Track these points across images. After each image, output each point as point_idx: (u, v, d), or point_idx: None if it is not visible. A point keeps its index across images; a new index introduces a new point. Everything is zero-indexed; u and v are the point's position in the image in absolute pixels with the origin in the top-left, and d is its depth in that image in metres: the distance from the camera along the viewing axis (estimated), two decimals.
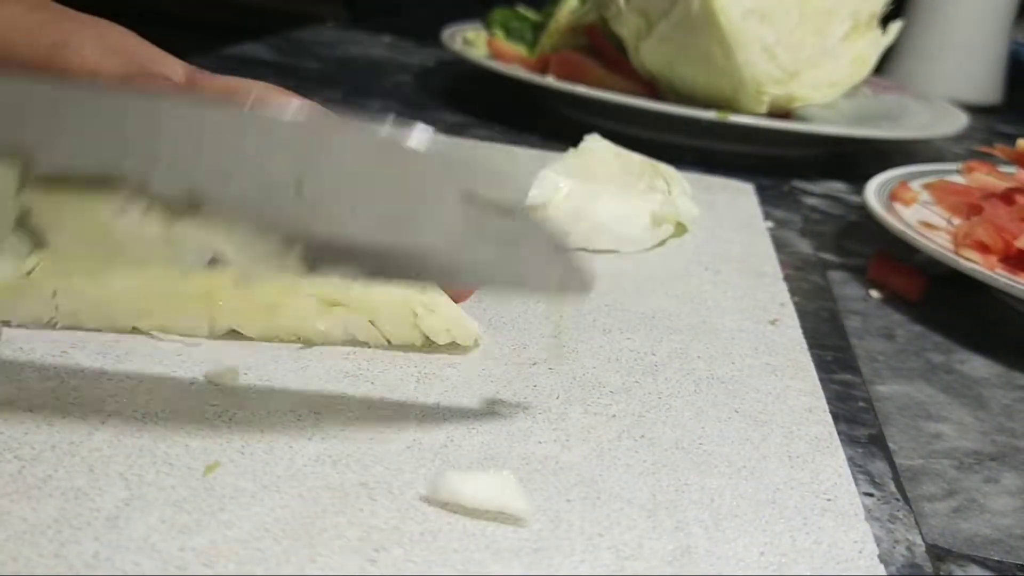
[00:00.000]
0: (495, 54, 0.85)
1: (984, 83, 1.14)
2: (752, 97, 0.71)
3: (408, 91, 0.88)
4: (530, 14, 0.91)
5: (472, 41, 0.89)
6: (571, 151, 0.54)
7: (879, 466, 0.33)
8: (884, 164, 0.64)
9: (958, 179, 0.59)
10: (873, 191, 0.55)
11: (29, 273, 0.32)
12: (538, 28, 0.88)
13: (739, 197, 0.62)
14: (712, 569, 0.25)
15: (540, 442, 0.30)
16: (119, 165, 0.26)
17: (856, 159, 0.79)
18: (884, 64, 0.95)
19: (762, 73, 0.70)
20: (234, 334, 0.34)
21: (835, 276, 0.52)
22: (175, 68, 0.35)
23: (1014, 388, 0.41)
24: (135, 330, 0.33)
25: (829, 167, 0.75)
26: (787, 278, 0.48)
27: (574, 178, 0.49)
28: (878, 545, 0.28)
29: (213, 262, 0.30)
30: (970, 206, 0.54)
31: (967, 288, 0.49)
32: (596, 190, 0.49)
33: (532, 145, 0.69)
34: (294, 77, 0.87)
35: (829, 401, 0.36)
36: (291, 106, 0.33)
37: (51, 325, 0.33)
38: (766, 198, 0.64)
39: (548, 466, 0.29)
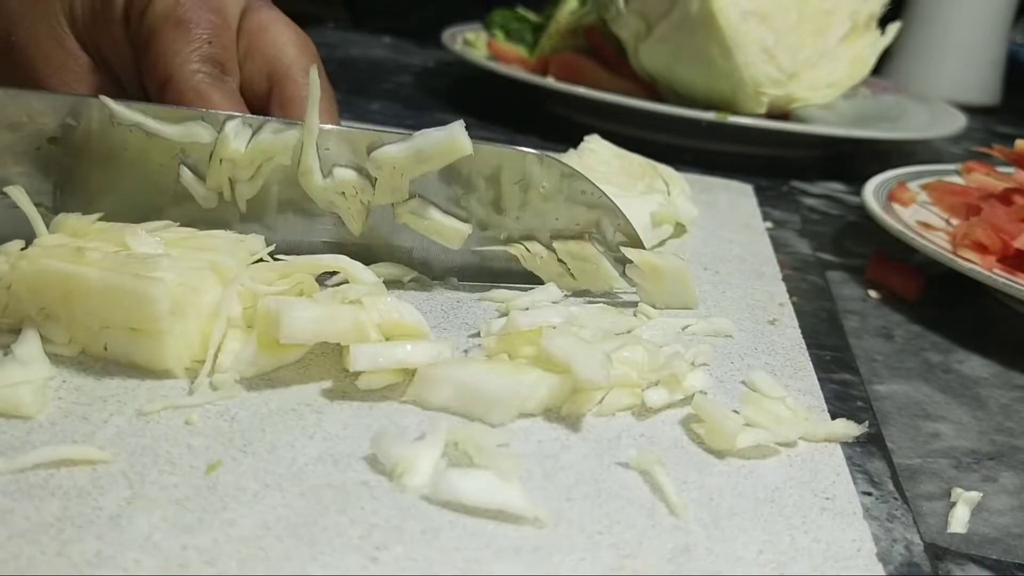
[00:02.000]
0: (495, 55, 0.85)
1: (982, 84, 1.14)
2: (751, 98, 0.71)
3: (408, 92, 0.88)
4: (530, 15, 0.91)
5: (472, 42, 0.89)
6: (571, 151, 0.54)
7: (877, 465, 0.33)
8: (883, 165, 0.64)
9: (956, 180, 0.60)
10: (872, 191, 0.55)
11: (9, 287, 0.32)
12: (538, 29, 0.89)
13: (738, 198, 0.62)
14: (711, 567, 0.25)
15: (540, 442, 0.30)
16: None
17: (855, 160, 0.80)
18: (883, 65, 0.95)
19: (761, 74, 0.70)
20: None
21: (834, 276, 0.52)
22: None
23: (1012, 387, 0.42)
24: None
25: (828, 168, 0.75)
26: (786, 278, 0.48)
27: None
28: (876, 544, 0.28)
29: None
30: (968, 206, 0.54)
31: (965, 288, 0.49)
32: None
33: (532, 146, 0.69)
34: None
35: (828, 400, 0.36)
36: None
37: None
38: (765, 199, 0.64)
39: (548, 466, 0.29)
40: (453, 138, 0.37)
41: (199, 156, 0.37)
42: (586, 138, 0.55)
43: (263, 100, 0.41)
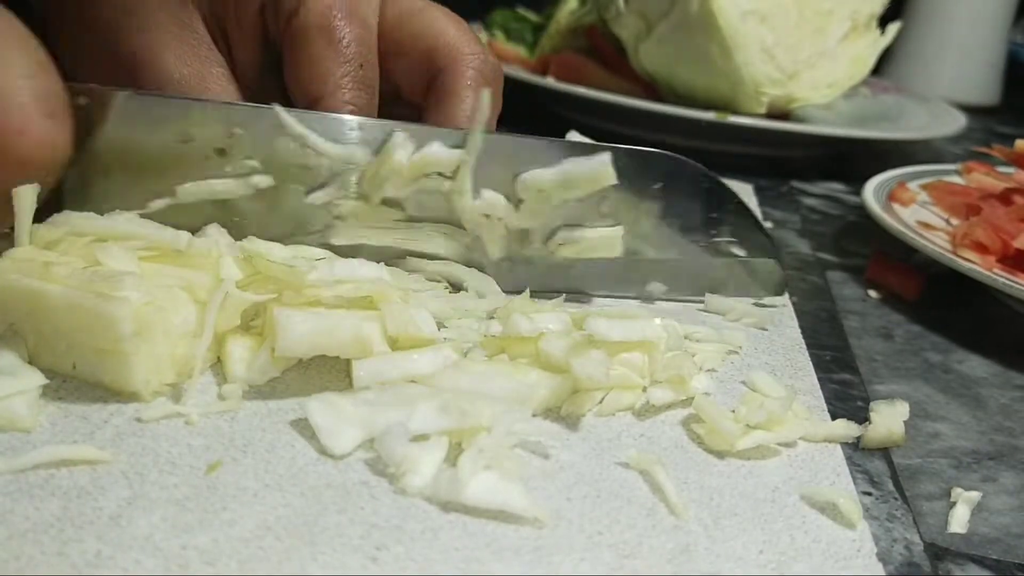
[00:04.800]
0: (495, 55, 0.85)
1: (982, 84, 1.14)
2: (751, 98, 0.71)
3: None
4: (530, 15, 0.92)
5: None
6: None
7: (877, 465, 0.33)
8: (882, 165, 0.64)
9: (956, 179, 0.60)
10: (871, 191, 0.55)
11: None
12: (538, 29, 0.89)
13: None
14: (711, 567, 0.26)
15: (540, 442, 0.30)
16: None
17: (855, 160, 0.80)
18: (882, 65, 0.95)
19: (761, 74, 0.70)
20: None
21: (834, 276, 0.52)
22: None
23: (1012, 387, 0.42)
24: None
25: (828, 167, 0.75)
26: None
27: None
28: (876, 544, 0.28)
29: None
30: (968, 206, 0.54)
31: (965, 288, 0.49)
32: None
33: None
34: None
35: (828, 401, 0.36)
36: None
37: None
38: (765, 198, 0.64)
39: (548, 466, 0.29)
40: (602, 169, 0.38)
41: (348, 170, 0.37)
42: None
43: (419, 94, 0.41)
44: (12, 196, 0.31)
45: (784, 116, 0.74)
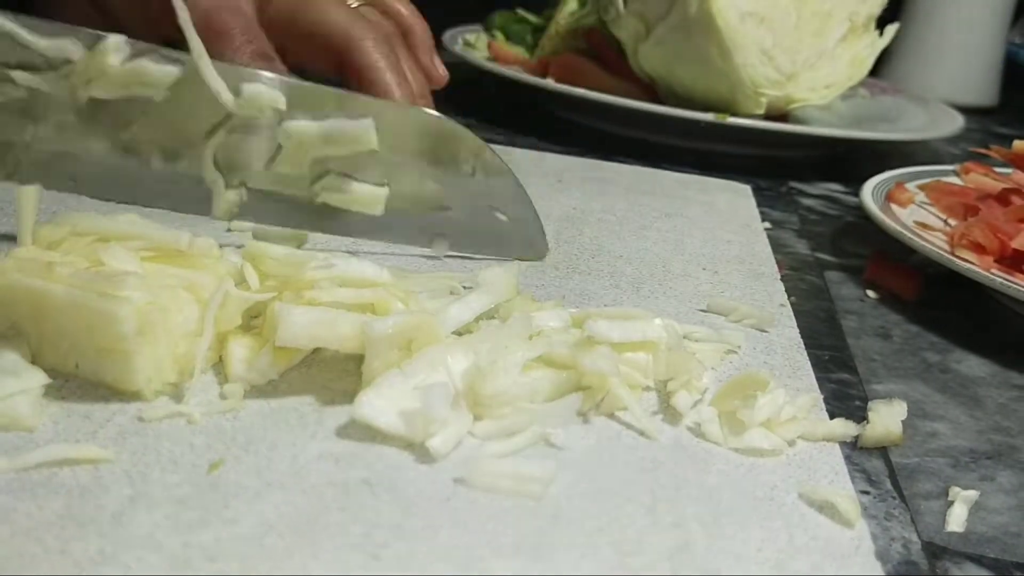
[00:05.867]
0: (495, 57, 0.86)
1: (980, 85, 1.15)
2: (750, 99, 0.71)
3: None
4: (530, 17, 0.92)
5: (472, 44, 0.89)
6: None
7: (876, 464, 0.33)
8: (881, 165, 0.64)
9: (954, 180, 0.60)
10: (870, 192, 0.55)
11: None
12: (538, 31, 0.89)
13: (737, 198, 0.62)
14: (711, 565, 0.26)
15: (540, 440, 0.30)
16: None
17: (853, 160, 0.80)
18: (881, 66, 0.95)
19: (760, 75, 0.70)
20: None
21: (832, 276, 0.52)
22: None
23: (1010, 387, 0.42)
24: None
25: (826, 168, 0.76)
26: (784, 278, 0.49)
27: None
28: (874, 542, 0.28)
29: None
30: (966, 207, 0.54)
31: (963, 288, 0.50)
32: None
33: (531, 147, 0.69)
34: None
35: (826, 400, 0.36)
36: None
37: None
38: (764, 199, 0.64)
39: (547, 464, 0.29)
40: (365, 133, 0.40)
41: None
42: None
43: (334, 72, 0.46)
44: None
45: (783, 117, 0.75)
